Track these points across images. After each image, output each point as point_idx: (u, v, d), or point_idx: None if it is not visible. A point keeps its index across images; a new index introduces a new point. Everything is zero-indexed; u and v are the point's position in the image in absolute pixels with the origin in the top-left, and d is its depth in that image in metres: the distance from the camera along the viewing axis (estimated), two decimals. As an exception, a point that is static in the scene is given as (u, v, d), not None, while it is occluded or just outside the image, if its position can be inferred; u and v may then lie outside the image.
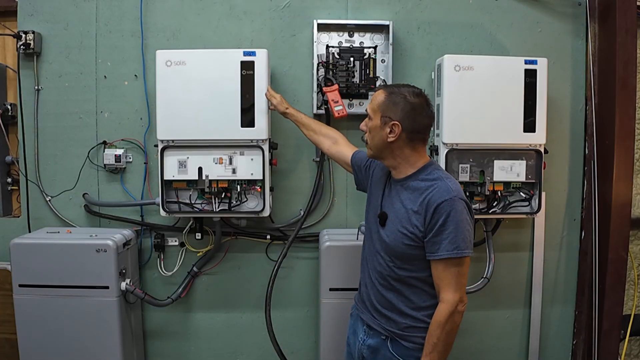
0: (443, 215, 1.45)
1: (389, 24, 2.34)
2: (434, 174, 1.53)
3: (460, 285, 1.48)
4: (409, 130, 1.52)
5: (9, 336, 2.32)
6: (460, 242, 1.45)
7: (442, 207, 1.45)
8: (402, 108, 1.51)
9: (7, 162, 2.54)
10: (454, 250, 1.45)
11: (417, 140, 1.55)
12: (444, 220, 1.45)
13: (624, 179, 2.38)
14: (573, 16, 2.47)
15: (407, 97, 1.52)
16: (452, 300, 1.46)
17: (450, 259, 1.46)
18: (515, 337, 2.59)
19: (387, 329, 1.58)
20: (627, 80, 2.34)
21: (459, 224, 1.45)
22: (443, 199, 1.45)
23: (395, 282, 1.56)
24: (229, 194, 2.23)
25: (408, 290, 1.55)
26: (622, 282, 2.43)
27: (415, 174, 1.55)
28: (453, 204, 1.45)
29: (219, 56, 2.14)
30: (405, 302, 1.55)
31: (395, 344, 1.57)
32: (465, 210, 1.48)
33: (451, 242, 1.44)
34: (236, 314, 2.54)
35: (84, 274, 2.15)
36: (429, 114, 1.54)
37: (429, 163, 1.57)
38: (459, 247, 1.45)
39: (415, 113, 1.51)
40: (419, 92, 1.55)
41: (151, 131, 2.39)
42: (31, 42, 2.32)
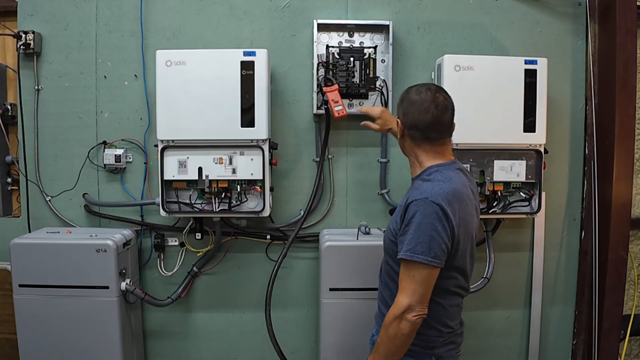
0: (409, 214, 1.42)
1: (389, 24, 2.34)
2: (431, 175, 1.49)
3: (413, 292, 1.39)
4: (408, 127, 1.52)
5: (9, 336, 2.32)
6: (415, 246, 1.38)
7: (411, 206, 1.42)
8: (403, 105, 1.54)
9: (7, 162, 2.54)
10: (407, 251, 1.39)
11: (420, 138, 1.51)
12: (409, 220, 1.41)
13: (624, 179, 2.38)
14: (573, 16, 2.47)
15: (410, 94, 1.52)
16: (400, 304, 1.40)
17: (405, 261, 1.40)
18: (515, 337, 2.59)
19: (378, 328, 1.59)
20: (627, 80, 2.34)
21: (420, 226, 1.39)
22: (414, 199, 1.42)
23: (389, 279, 1.58)
24: (229, 194, 2.23)
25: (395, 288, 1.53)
26: (622, 282, 2.43)
27: (420, 174, 1.54)
28: (421, 205, 1.40)
29: (219, 56, 2.14)
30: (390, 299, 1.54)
31: None
32: (436, 215, 1.39)
33: (408, 243, 1.40)
34: (236, 314, 2.54)
35: (84, 274, 2.15)
36: (431, 111, 1.47)
37: (435, 165, 1.51)
38: (412, 249, 1.38)
39: (413, 109, 1.49)
40: (426, 89, 1.51)
41: (151, 131, 2.39)
42: (31, 42, 2.32)
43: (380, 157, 2.45)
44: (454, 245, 1.44)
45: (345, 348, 2.23)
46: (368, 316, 2.20)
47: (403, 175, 2.47)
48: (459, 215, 1.44)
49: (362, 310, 2.21)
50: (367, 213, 2.48)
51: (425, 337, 1.50)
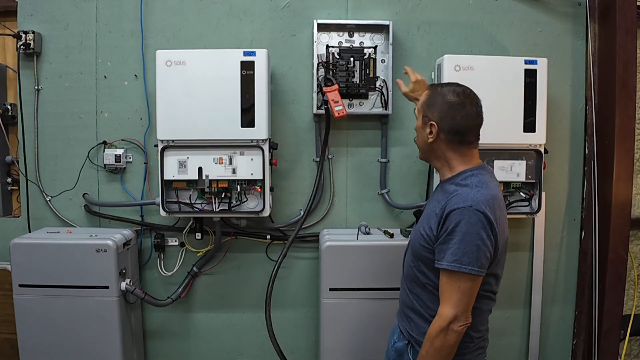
0: (452, 223, 1.37)
1: (389, 24, 2.34)
2: (467, 180, 1.44)
3: (459, 302, 1.37)
4: (447, 131, 1.46)
5: (9, 336, 2.32)
6: (462, 256, 1.35)
7: (453, 214, 1.37)
8: (439, 108, 1.47)
9: (7, 162, 2.54)
10: (453, 262, 1.36)
11: (457, 142, 1.48)
12: (452, 229, 1.37)
13: (624, 179, 2.38)
14: (573, 16, 2.47)
15: (446, 96, 1.47)
16: (445, 315, 1.37)
17: (449, 272, 1.37)
18: (515, 337, 2.59)
19: (410, 334, 1.55)
20: (627, 80, 2.34)
21: (466, 236, 1.35)
22: (457, 207, 1.37)
23: (416, 284, 1.54)
24: (229, 194, 2.23)
25: (425, 296, 1.51)
26: (622, 282, 2.43)
27: (452, 178, 1.49)
28: (465, 214, 1.35)
29: (219, 56, 2.14)
30: (424, 307, 1.51)
31: (414, 351, 1.53)
32: (481, 223, 1.35)
33: (453, 254, 1.36)
34: (236, 314, 2.54)
35: (84, 274, 2.15)
36: (470, 114, 1.46)
37: (470, 169, 1.48)
38: (459, 260, 1.35)
39: (453, 112, 1.45)
40: (461, 91, 1.48)
41: (151, 131, 2.39)
42: (31, 42, 2.32)
43: (380, 157, 2.45)
44: (495, 252, 1.42)
45: (345, 348, 2.23)
46: (368, 316, 2.21)
47: (403, 175, 2.47)
48: (500, 221, 1.42)
49: (362, 310, 2.21)
50: (367, 213, 2.48)
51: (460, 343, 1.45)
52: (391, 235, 2.30)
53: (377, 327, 2.20)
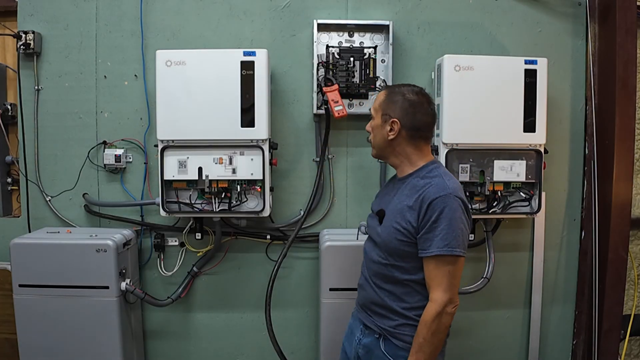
0: (436, 211, 1.43)
1: (389, 24, 2.34)
2: (434, 172, 1.53)
3: (450, 285, 1.44)
4: (408, 127, 1.54)
5: (9, 336, 2.32)
6: (451, 240, 1.42)
7: (435, 203, 1.43)
8: (400, 105, 1.54)
9: (7, 162, 2.54)
10: (445, 247, 1.42)
11: (418, 138, 1.56)
12: (437, 217, 1.43)
13: (624, 179, 2.38)
14: (573, 16, 2.47)
15: (406, 95, 1.54)
16: (440, 300, 1.43)
17: (442, 257, 1.43)
18: (515, 337, 2.59)
19: (381, 327, 1.58)
20: (627, 80, 2.34)
21: (452, 221, 1.43)
22: (437, 195, 1.44)
23: (389, 281, 1.56)
24: (229, 194, 2.23)
25: (400, 290, 1.54)
26: (622, 282, 2.43)
27: (416, 172, 1.55)
28: (447, 200, 1.43)
29: (219, 56, 2.14)
30: (398, 302, 1.55)
31: (387, 342, 1.57)
32: (461, 208, 1.45)
33: (443, 239, 1.42)
34: (236, 314, 2.54)
35: (84, 274, 2.15)
36: (429, 112, 1.55)
37: (431, 162, 1.57)
38: (450, 244, 1.42)
39: (414, 110, 1.53)
40: (419, 90, 1.58)
41: (151, 131, 2.39)
42: (31, 42, 2.32)
43: (380, 157, 2.45)
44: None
45: (345, 348, 2.23)
46: (368, 316, 2.21)
47: (403, 175, 2.47)
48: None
49: (362, 310, 2.21)
50: (367, 213, 2.46)
51: None
52: (391, 235, 2.29)
53: (377, 327, 2.20)
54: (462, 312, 2.51)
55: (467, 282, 2.46)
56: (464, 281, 2.46)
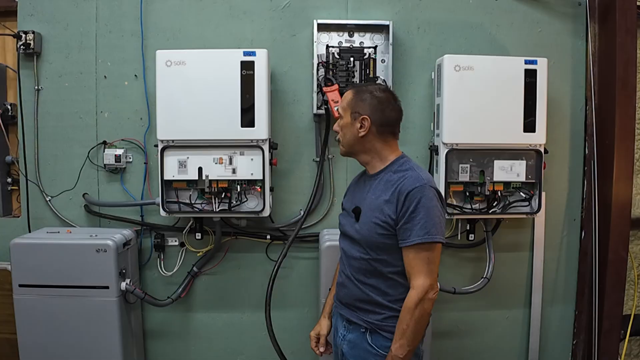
0: (414, 201, 1.48)
1: (389, 24, 2.34)
2: (405, 166, 1.58)
3: (430, 271, 1.49)
4: (378, 124, 1.58)
5: (9, 336, 2.32)
6: (430, 228, 1.47)
7: (412, 193, 1.48)
8: (369, 103, 1.58)
9: (7, 162, 2.54)
10: (425, 235, 1.47)
11: (387, 133, 1.61)
12: (415, 207, 1.48)
13: (624, 179, 2.38)
14: (573, 16, 2.47)
15: (374, 93, 1.59)
16: (421, 286, 1.48)
17: (421, 244, 1.48)
18: (515, 337, 2.59)
19: (367, 321, 1.60)
20: (627, 80, 2.34)
21: (429, 210, 1.48)
22: (414, 186, 1.49)
23: (372, 275, 1.58)
24: (229, 194, 2.23)
25: (384, 284, 1.57)
26: (622, 282, 2.43)
27: (388, 167, 1.60)
28: (423, 190, 1.49)
29: (219, 56, 2.14)
30: (382, 296, 1.57)
31: (374, 335, 1.59)
32: (436, 197, 1.51)
33: (422, 228, 1.47)
34: (236, 314, 2.54)
35: (84, 274, 2.15)
36: (396, 108, 1.61)
37: (401, 156, 1.62)
38: (429, 232, 1.47)
39: (382, 106, 1.58)
40: (385, 87, 1.67)
41: (151, 131, 2.39)
42: (31, 42, 2.32)
43: (380, 157, 2.44)
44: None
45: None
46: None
47: (403, 175, 2.47)
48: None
49: (362, 310, 2.21)
50: (367, 213, 2.48)
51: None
52: (391, 235, 2.30)
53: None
54: (462, 312, 2.53)
55: (467, 282, 2.46)
56: (464, 281, 2.47)
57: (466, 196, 2.29)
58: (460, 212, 2.29)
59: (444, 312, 2.50)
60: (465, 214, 2.29)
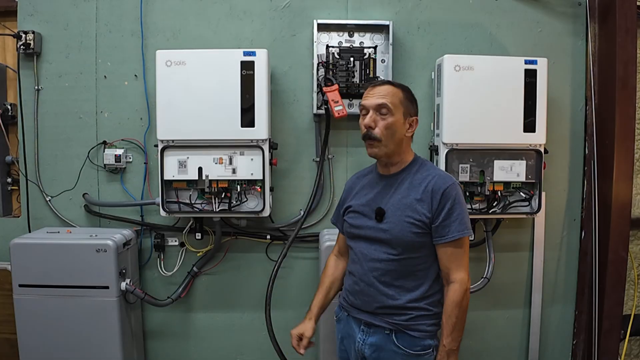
0: (449, 199, 1.53)
1: (389, 24, 2.34)
2: (426, 165, 1.63)
3: (467, 265, 1.57)
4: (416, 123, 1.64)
5: (9, 336, 2.32)
6: (467, 222, 1.55)
7: (447, 192, 1.53)
8: (416, 104, 1.65)
9: (7, 162, 2.54)
10: (464, 230, 1.53)
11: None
12: (452, 204, 1.53)
13: (624, 179, 2.38)
14: (573, 16, 2.47)
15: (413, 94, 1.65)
16: (464, 279, 1.54)
17: (459, 240, 1.54)
18: (515, 337, 2.59)
19: (392, 322, 1.58)
20: (627, 80, 2.34)
21: (462, 206, 1.55)
22: (447, 185, 1.54)
23: (400, 276, 1.57)
24: (229, 194, 2.23)
25: (412, 283, 1.57)
26: (622, 282, 2.43)
27: (408, 168, 1.63)
28: (456, 188, 1.56)
29: (219, 56, 2.14)
30: (410, 295, 1.57)
31: (400, 335, 1.57)
32: (463, 194, 1.60)
33: (461, 223, 1.53)
34: (236, 314, 2.54)
35: (84, 274, 2.15)
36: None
37: (417, 156, 1.67)
38: (466, 226, 1.54)
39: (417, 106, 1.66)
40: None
41: (151, 131, 2.39)
42: (31, 42, 2.32)
43: (380, 157, 2.44)
44: None
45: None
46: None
47: (403, 175, 2.47)
48: None
49: (362, 310, 2.21)
50: (367, 213, 2.48)
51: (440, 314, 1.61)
52: (391, 235, 2.30)
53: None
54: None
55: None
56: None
57: (466, 196, 2.29)
58: (460, 212, 2.29)
59: (444, 312, 2.50)
60: (465, 214, 2.29)
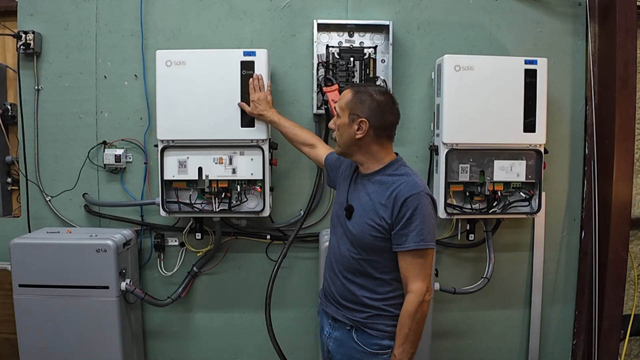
0: (410, 208, 1.50)
1: (389, 24, 2.34)
2: (400, 170, 1.59)
3: (426, 275, 1.53)
4: (376, 127, 1.58)
5: (9, 336, 2.32)
6: (426, 235, 1.51)
7: (409, 200, 1.50)
8: (368, 106, 1.57)
9: (7, 162, 2.54)
10: (420, 242, 1.50)
11: (384, 136, 1.61)
12: (412, 214, 1.50)
13: (624, 179, 2.38)
14: (573, 16, 2.47)
15: (374, 95, 1.58)
16: (420, 289, 1.51)
17: (417, 250, 1.51)
18: (515, 337, 2.59)
19: (352, 319, 1.62)
20: (627, 80, 2.34)
21: (425, 217, 1.51)
22: (411, 193, 1.51)
23: (360, 274, 1.60)
24: (229, 194, 2.23)
25: (372, 283, 1.59)
26: (622, 282, 2.43)
27: (383, 170, 1.60)
28: (420, 198, 1.51)
29: (219, 56, 2.14)
30: (369, 294, 1.59)
31: (360, 333, 1.61)
32: (431, 205, 1.55)
33: (418, 234, 1.50)
34: (236, 314, 2.54)
35: (84, 274, 2.15)
36: (394, 112, 1.61)
37: (396, 160, 1.63)
38: (425, 239, 1.50)
39: (381, 110, 1.58)
40: (385, 90, 1.64)
41: (151, 131, 2.39)
42: (31, 42, 2.32)
43: (380, 157, 2.44)
44: None
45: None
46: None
47: (403, 175, 2.47)
48: None
49: (362, 310, 2.21)
50: (367, 213, 2.48)
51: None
52: (391, 235, 2.30)
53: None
54: (462, 312, 2.53)
55: (467, 282, 2.46)
56: (464, 281, 2.47)
57: (466, 196, 2.29)
58: (460, 212, 2.29)
59: (444, 312, 2.50)
60: (465, 214, 2.29)
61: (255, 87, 2.09)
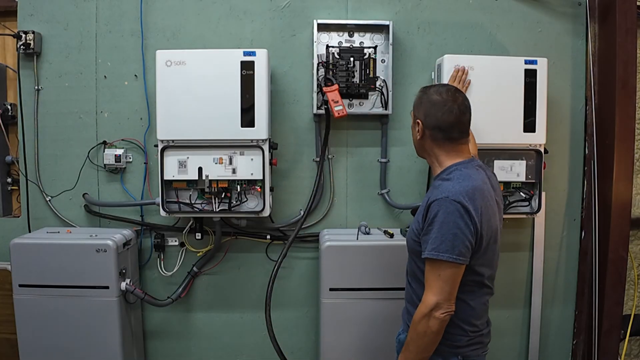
0: (431, 214, 1.44)
1: (389, 24, 2.34)
2: (451, 174, 1.50)
3: (440, 289, 1.41)
4: (430, 127, 1.53)
5: (9, 336, 2.32)
6: (439, 244, 1.40)
7: (432, 206, 1.44)
8: (424, 106, 1.55)
9: (7, 162, 2.54)
10: (432, 250, 1.41)
11: (441, 138, 1.53)
12: (431, 220, 1.43)
13: (624, 179, 2.38)
14: (573, 16, 2.47)
15: (431, 96, 1.54)
16: (428, 302, 1.42)
17: (430, 260, 1.43)
18: (515, 337, 2.59)
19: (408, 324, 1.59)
20: (627, 80, 2.34)
21: (442, 225, 1.41)
22: (435, 198, 1.44)
23: (414, 279, 1.59)
24: (229, 194, 2.23)
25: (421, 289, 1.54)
26: (622, 282, 2.43)
27: (440, 174, 1.55)
28: (442, 204, 1.42)
29: (219, 56, 2.14)
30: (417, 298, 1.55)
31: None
32: (458, 213, 1.41)
33: (432, 242, 1.42)
34: (236, 314, 2.54)
35: (84, 274, 2.15)
36: (452, 111, 1.50)
37: (454, 164, 1.53)
38: (436, 248, 1.41)
39: (435, 110, 1.52)
40: (445, 90, 1.55)
41: (151, 131, 2.39)
42: (31, 42, 2.32)
43: (380, 157, 2.44)
44: (477, 242, 1.45)
45: (345, 348, 2.23)
46: (368, 316, 2.21)
47: (403, 175, 2.47)
48: (482, 211, 1.45)
49: (362, 310, 2.21)
50: (367, 213, 2.48)
51: (451, 335, 1.50)
52: (391, 235, 2.30)
53: (377, 327, 2.20)
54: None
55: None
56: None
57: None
58: (460, 212, 2.29)
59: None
60: (465, 214, 2.29)
61: None
